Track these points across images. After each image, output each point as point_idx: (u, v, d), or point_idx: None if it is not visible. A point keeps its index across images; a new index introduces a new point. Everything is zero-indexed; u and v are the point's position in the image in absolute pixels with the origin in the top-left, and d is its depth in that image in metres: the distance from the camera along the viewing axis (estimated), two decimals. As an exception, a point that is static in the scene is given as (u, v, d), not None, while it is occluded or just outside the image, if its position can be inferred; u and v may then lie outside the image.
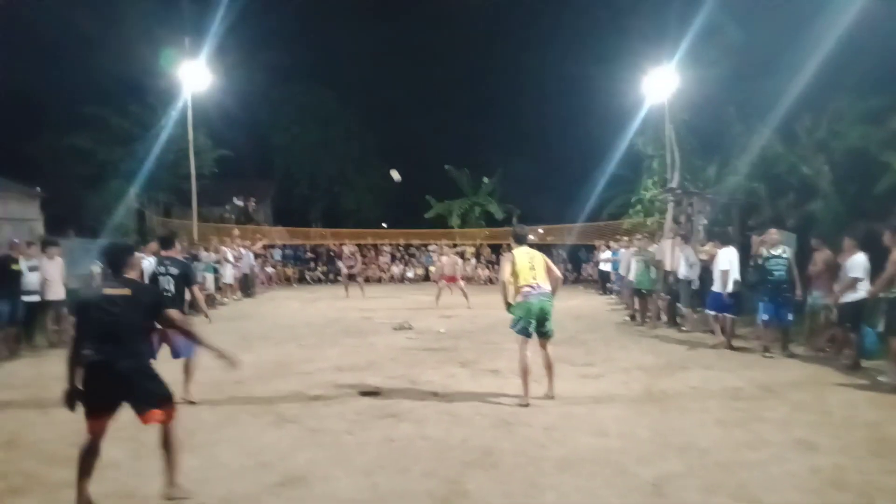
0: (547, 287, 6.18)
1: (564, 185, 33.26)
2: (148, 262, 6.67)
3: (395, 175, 20.38)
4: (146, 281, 6.16)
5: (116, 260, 3.92)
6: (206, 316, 6.71)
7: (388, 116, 41.16)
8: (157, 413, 3.71)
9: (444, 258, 16.96)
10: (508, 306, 6.28)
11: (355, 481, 4.09)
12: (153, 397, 3.72)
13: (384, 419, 5.55)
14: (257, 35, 28.27)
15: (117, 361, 3.62)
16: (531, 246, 6.52)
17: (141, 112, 21.99)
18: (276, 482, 4.01)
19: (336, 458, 4.54)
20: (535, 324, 6.12)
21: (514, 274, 6.18)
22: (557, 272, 6.40)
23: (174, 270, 6.13)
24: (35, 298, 9.45)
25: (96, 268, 10.71)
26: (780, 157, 13.60)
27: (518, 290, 6.16)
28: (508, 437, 5.00)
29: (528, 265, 6.17)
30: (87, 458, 3.73)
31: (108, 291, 3.77)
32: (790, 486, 3.96)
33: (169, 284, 6.06)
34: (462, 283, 16.17)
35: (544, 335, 6.22)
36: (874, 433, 5.08)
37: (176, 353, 5.81)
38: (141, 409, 3.70)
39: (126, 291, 3.74)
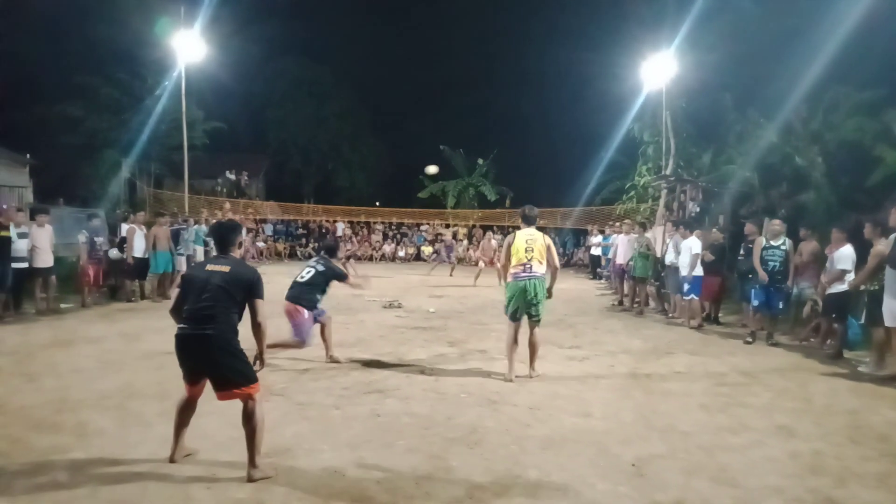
0: (540, 270, 6.17)
1: (559, 169, 33.41)
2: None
3: (432, 170, 20.72)
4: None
5: (223, 238, 4.01)
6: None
7: (384, 95, 41.03)
8: (234, 393, 3.70)
9: (484, 242, 17.44)
10: (501, 281, 6.39)
11: (341, 455, 4.12)
12: (232, 377, 3.69)
13: (371, 395, 5.59)
14: (253, 7, 27.93)
15: (205, 335, 3.64)
16: (539, 229, 6.53)
17: (132, 82, 21.75)
18: (262, 454, 4.03)
19: (322, 432, 4.57)
20: (523, 307, 6.21)
21: (510, 255, 6.23)
22: (556, 260, 6.37)
23: (321, 267, 6.76)
24: (23, 265, 9.41)
25: (83, 237, 10.63)
26: (774, 148, 13.64)
27: (511, 270, 6.23)
28: (493, 416, 5.05)
29: (525, 246, 6.16)
30: (183, 413, 3.89)
31: (211, 267, 3.82)
32: (769, 471, 4.03)
33: (315, 276, 6.73)
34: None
35: (532, 318, 6.26)
36: (853, 421, 5.16)
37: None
38: (218, 387, 3.72)
39: (225, 268, 3.78)
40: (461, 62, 43.02)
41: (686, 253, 9.85)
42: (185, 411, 3.89)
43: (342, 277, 6.90)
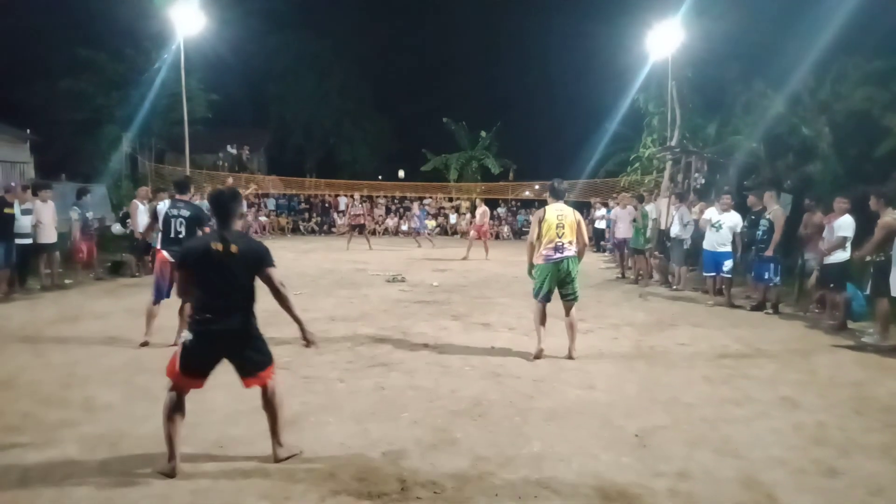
0: (573, 249, 5.91)
1: (563, 141, 33.17)
2: (162, 205, 6.71)
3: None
4: (160, 223, 6.30)
5: (224, 210, 3.55)
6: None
7: (387, 68, 40.57)
8: (259, 378, 3.55)
9: (479, 210, 17.30)
10: (531, 268, 6.06)
11: (346, 427, 4.16)
12: (258, 362, 3.54)
13: (375, 368, 5.62)
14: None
15: (228, 323, 3.41)
16: (566, 203, 6.16)
17: (135, 56, 21.55)
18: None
19: (327, 405, 4.61)
20: (554, 288, 5.98)
21: (541, 233, 5.92)
22: (585, 236, 6.07)
23: (185, 213, 6.20)
24: (28, 241, 9.43)
25: (74, 213, 10.60)
26: (781, 118, 13.48)
27: (541, 250, 5.93)
28: (497, 389, 5.08)
29: (556, 223, 5.86)
30: (173, 413, 3.47)
31: (217, 246, 3.41)
32: (773, 442, 4.05)
33: (181, 227, 6.15)
34: (487, 236, 16.67)
35: (567, 298, 6.01)
36: (857, 392, 5.18)
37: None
38: (245, 374, 3.52)
39: (234, 248, 3.42)
40: (464, 34, 42.45)
41: (728, 231, 9.28)
42: (176, 411, 3.48)
43: (205, 223, 6.18)
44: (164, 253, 6.20)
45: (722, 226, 9.29)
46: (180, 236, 6.10)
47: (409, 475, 3.47)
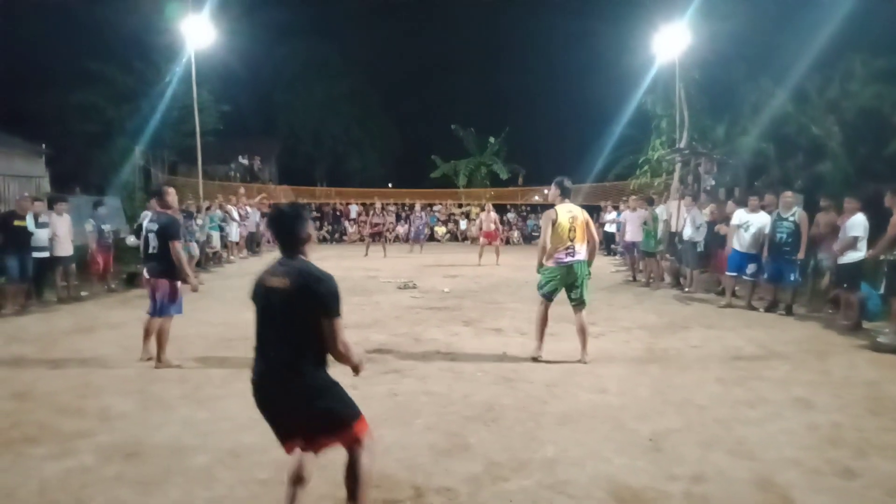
0: (583, 252, 5.93)
1: (571, 145, 33.04)
2: (144, 219, 6.39)
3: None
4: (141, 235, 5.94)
5: (284, 232, 2.81)
6: (186, 279, 5.97)
7: (393, 74, 40.67)
8: (333, 439, 2.87)
9: (484, 215, 17.22)
10: (540, 266, 6.09)
11: (359, 434, 4.18)
12: (324, 421, 2.83)
13: (388, 375, 5.63)
14: (261, -11, 27.77)
15: (270, 373, 2.79)
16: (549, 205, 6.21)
17: (145, 69, 21.78)
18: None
19: (341, 412, 4.62)
20: (559, 289, 6.03)
21: (553, 234, 5.89)
22: (595, 236, 6.10)
23: (155, 226, 5.86)
24: (44, 254, 9.55)
25: (90, 226, 10.71)
26: (789, 118, 13.43)
27: (552, 253, 5.93)
28: (510, 393, 5.08)
29: (569, 226, 5.85)
30: (292, 483, 2.89)
31: (267, 280, 2.74)
32: (787, 443, 4.03)
33: (153, 241, 5.84)
34: (498, 241, 16.61)
35: (576, 302, 6.05)
36: (872, 392, 5.14)
37: (161, 311, 5.85)
38: (309, 437, 2.82)
39: (283, 283, 2.67)
40: (470, 39, 42.43)
41: (757, 229, 8.98)
42: (293, 481, 2.90)
43: (175, 236, 5.81)
44: (144, 269, 5.99)
45: (750, 226, 9.12)
46: (153, 251, 5.80)
47: (423, 481, 3.49)
